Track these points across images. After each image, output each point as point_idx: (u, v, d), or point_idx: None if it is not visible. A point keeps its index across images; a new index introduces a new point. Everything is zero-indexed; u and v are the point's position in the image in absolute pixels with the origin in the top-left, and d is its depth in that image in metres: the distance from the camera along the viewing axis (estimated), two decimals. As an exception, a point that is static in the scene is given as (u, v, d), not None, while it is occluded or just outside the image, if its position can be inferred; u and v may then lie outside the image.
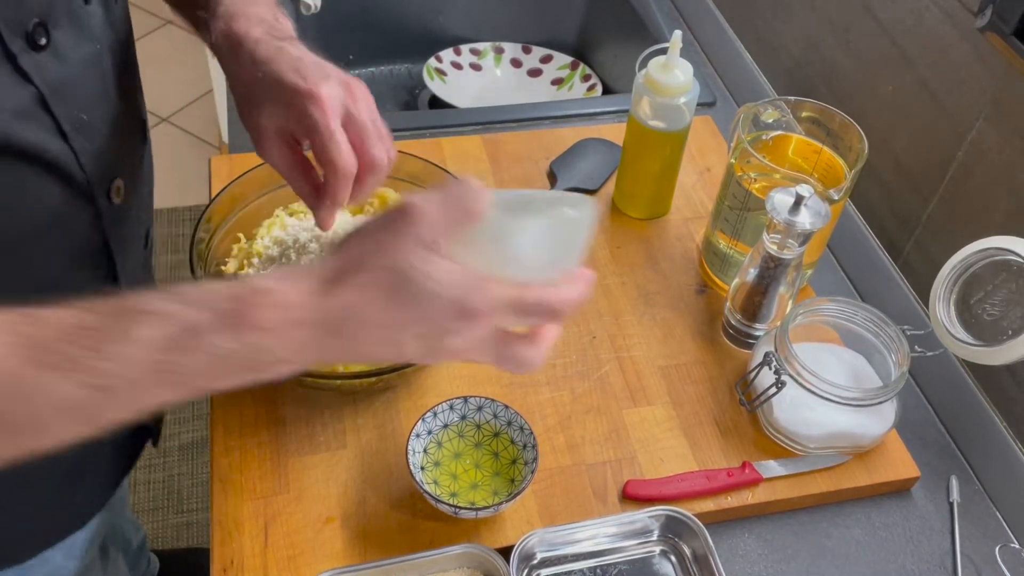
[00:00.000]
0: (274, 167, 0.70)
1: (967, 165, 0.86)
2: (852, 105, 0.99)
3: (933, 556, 0.78)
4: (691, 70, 0.92)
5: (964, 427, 0.87)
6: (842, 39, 1.03)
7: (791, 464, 0.81)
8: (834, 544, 0.78)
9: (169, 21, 2.75)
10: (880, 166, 0.98)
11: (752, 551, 0.77)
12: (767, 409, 0.82)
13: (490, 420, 0.78)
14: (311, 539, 0.73)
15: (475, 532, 0.74)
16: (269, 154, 0.69)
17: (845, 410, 0.78)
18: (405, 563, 0.70)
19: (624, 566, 0.74)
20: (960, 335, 0.78)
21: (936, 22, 0.87)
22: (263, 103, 0.66)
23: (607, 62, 1.44)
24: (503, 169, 1.07)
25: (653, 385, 0.87)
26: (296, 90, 0.64)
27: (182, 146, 2.46)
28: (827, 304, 0.84)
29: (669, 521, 0.75)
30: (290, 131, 0.67)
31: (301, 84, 0.64)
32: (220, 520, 0.74)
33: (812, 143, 0.91)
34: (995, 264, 0.76)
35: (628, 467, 0.80)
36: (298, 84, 0.64)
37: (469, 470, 0.77)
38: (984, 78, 0.82)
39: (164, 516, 1.67)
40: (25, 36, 0.56)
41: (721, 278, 0.96)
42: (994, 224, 0.82)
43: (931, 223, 0.92)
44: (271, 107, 0.66)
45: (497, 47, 1.46)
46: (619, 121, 1.15)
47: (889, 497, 0.82)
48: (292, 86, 0.64)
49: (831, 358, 0.85)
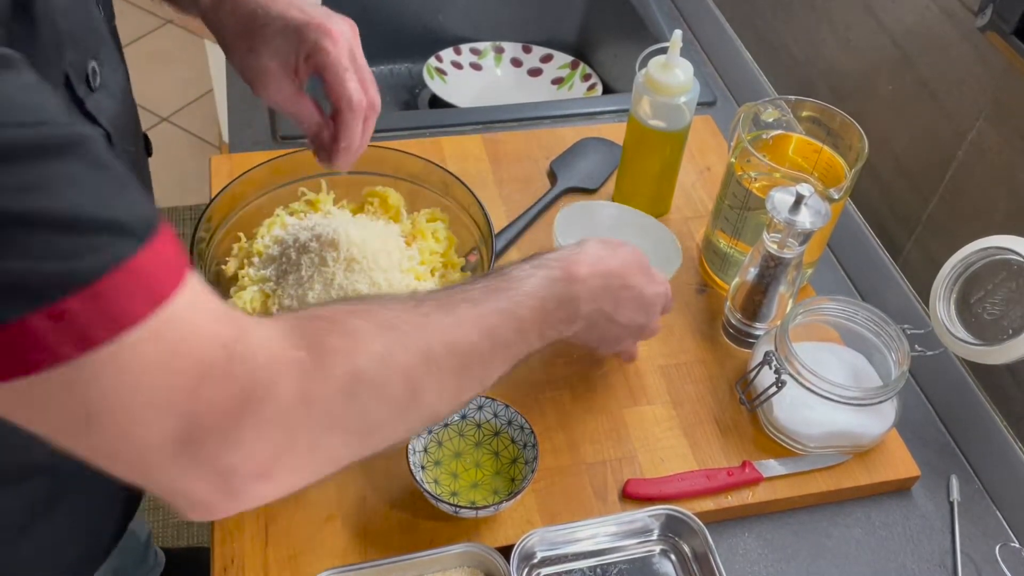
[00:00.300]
0: (278, 106, 0.71)
1: (967, 164, 0.86)
2: (852, 104, 0.99)
3: (933, 555, 0.78)
4: (691, 69, 0.92)
5: (964, 426, 0.87)
6: (842, 38, 1.03)
7: (791, 463, 0.81)
8: (834, 543, 0.78)
9: (169, 21, 2.75)
10: (880, 165, 0.98)
11: (752, 550, 0.77)
12: (767, 408, 0.82)
13: (490, 419, 0.78)
14: (312, 538, 0.73)
15: (475, 531, 0.74)
16: (275, 91, 0.70)
17: (845, 409, 0.78)
18: (405, 562, 0.70)
19: (624, 565, 0.74)
20: (960, 334, 0.78)
21: (936, 21, 0.87)
22: (265, 42, 0.67)
23: (607, 62, 1.44)
24: (503, 169, 1.07)
25: (653, 384, 0.87)
26: (307, 24, 0.66)
27: (182, 145, 2.46)
28: (827, 303, 0.84)
29: (669, 520, 0.75)
30: (292, 67, 0.68)
31: (311, 19, 0.66)
32: (221, 519, 0.74)
33: (812, 142, 0.91)
34: (995, 263, 0.76)
35: (628, 466, 0.80)
36: (308, 20, 0.66)
37: (469, 469, 0.77)
38: (984, 78, 0.82)
39: (165, 515, 1.67)
40: (86, 79, 0.56)
41: (721, 277, 0.96)
42: (994, 223, 0.82)
43: (931, 222, 0.92)
44: (276, 44, 0.67)
45: (497, 47, 1.46)
46: (619, 121, 1.15)
47: (889, 496, 0.82)
48: (301, 21, 0.66)
49: (831, 357, 0.85)
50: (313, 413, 0.47)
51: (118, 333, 0.38)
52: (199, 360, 0.42)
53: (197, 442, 0.43)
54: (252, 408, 0.44)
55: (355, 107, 0.68)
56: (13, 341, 0.36)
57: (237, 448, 0.44)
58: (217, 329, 0.43)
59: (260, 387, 0.44)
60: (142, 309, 0.39)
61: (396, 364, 0.50)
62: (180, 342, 0.41)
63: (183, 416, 0.42)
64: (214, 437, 0.43)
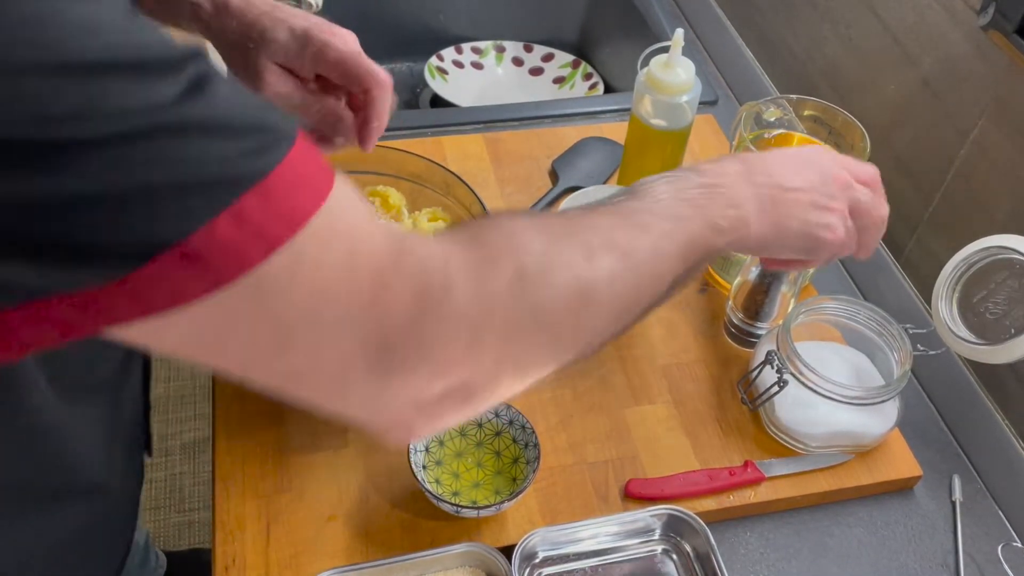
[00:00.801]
0: (285, 99, 0.71)
1: (969, 163, 0.86)
2: (854, 103, 0.99)
3: (935, 555, 0.78)
4: (693, 68, 0.92)
5: (966, 426, 0.86)
6: (844, 37, 1.03)
7: (793, 463, 0.81)
8: (836, 543, 0.78)
9: (170, 20, 2.74)
10: (882, 164, 0.97)
11: (754, 550, 0.77)
12: (769, 408, 0.82)
13: (492, 419, 0.78)
14: (313, 537, 0.73)
15: (477, 531, 0.74)
16: (280, 87, 0.71)
17: (847, 409, 0.78)
18: (407, 562, 0.69)
19: (626, 565, 0.74)
20: (962, 334, 0.78)
21: (938, 20, 0.87)
22: (269, 43, 0.69)
23: (609, 61, 1.44)
24: (504, 168, 1.07)
25: (655, 384, 0.86)
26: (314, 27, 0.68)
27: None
28: (829, 303, 0.84)
29: (671, 520, 0.74)
30: (297, 67, 0.70)
31: (317, 24, 0.68)
32: (222, 519, 0.74)
33: (814, 141, 0.91)
34: (997, 263, 0.76)
35: (630, 466, 0.80)
36: (314, 25, 0.68)
37: (471, 469, 0.77)
38: (986, 76, 0.82)
39: (166, 515, 1.68)
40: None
41: (723, 277, 0.95)
42: (996, 223, 0.82)
43: (933, 221, 0.92)
44: (281, 44, 0.69)
45: (499, 46, 1.46)
46: (621, 120, 1.15)
47: (891, 496, 0.82)
48: (307, 26, 0.68)
49: (833, 357, 0.85)
50: (491, 309, 0.45)
51: (295, 230, 0.38)
52: (372, 255, 0.41)
53: (389, 348, 0.42)
54: (432, 306, 0.43)
55: (384, 83, 0.70)
56: (204, 250, 0.36)
57: (427, 351, 0.43)
58: (377, 226, 0.43)
59: (435, 282, 0.43)
60: (311, 204, 0.39)
61: (559, 260, 0.48)
62: (352, 239, 0.41)
63: (370, 320, 0.41)
64: (403, 340, 0.42)
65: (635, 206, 0.55)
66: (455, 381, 0.45)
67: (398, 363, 0.42)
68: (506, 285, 0.46)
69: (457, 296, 0.43)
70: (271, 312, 0.39)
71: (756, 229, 0.58)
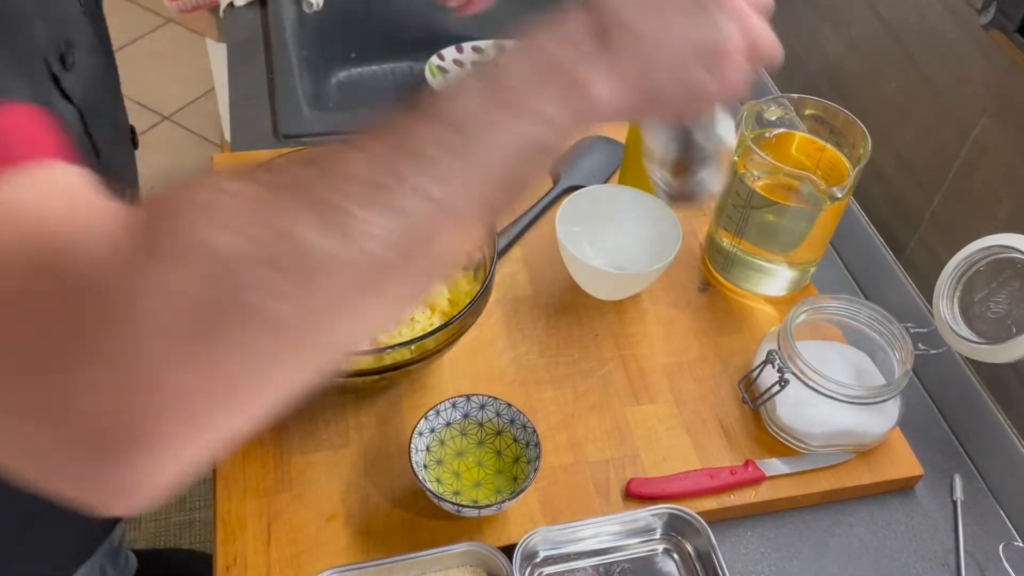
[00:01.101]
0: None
1: (970, 162, 0.86)
2: (855, 102, 0.99)
3: (936, 554, 0.78)
4: (694, 67, 0.91)
5: (968, 425, 0.86)
6: (845, 36, 1.03)
7: (794, 462, 0.81)
8: (837, 542, 0.78)
9: (171, 19, 2.74)
10: (883, 163, 0.98)
11: (755, 549, 0.77)
12: (770, 407, 0.82)
13: (492, 418, 0.78)
14: (314, 537, 0.73)
15: (478, 530, 0.74)
16: None
17: (848, 408, 0.78)
18: (408, 561, 0.69)
19: (627, 564, 0.73)
20: (964, 333, 0.77)
21: (939, 19, 0.87)
22: None
23: (609, 60, 1.44)
24: (505, 167, 1.07)
25: (656, 383, 0.86)
26: None
27: (184, 144, 2.46)
28: (830, 302, 0.84)
29: (672, 519, 0.74)
30: None
31: None
32: (223, 518, 0.74)
33: (815, 140, 0.91)
34: (999, 262, 0.76)
35: (631, 465, 0.80)
36: None
37: (472, 468, 0.77)
38: (988, 75, 0.82)
39: (167, 515, 1.68)
40: (60, 57, 0.56)
41: (724, 276, 0.95)
42: (998, 222, 0.82)
43: (934, 221, 0.92)
44: None
45: (500, 45, 1.46)
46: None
47: (892, 495, 0.82)
48: None
49: (834, 356, 0.85)
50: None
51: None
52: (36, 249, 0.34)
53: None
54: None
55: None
56: None
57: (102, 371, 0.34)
58: (73, 224, 0.36)
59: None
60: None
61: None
62: (21, 226, 0.35)
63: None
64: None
65: (429, 132, 0.41)
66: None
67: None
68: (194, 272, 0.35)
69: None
70: None
71: (609, 94, 0.47)
